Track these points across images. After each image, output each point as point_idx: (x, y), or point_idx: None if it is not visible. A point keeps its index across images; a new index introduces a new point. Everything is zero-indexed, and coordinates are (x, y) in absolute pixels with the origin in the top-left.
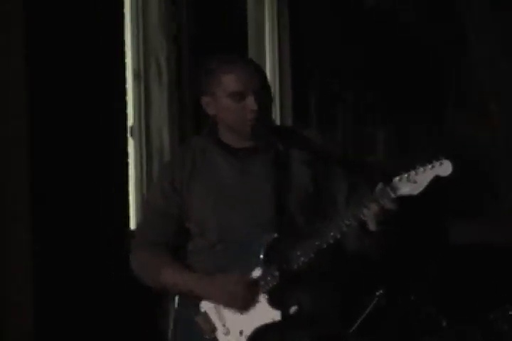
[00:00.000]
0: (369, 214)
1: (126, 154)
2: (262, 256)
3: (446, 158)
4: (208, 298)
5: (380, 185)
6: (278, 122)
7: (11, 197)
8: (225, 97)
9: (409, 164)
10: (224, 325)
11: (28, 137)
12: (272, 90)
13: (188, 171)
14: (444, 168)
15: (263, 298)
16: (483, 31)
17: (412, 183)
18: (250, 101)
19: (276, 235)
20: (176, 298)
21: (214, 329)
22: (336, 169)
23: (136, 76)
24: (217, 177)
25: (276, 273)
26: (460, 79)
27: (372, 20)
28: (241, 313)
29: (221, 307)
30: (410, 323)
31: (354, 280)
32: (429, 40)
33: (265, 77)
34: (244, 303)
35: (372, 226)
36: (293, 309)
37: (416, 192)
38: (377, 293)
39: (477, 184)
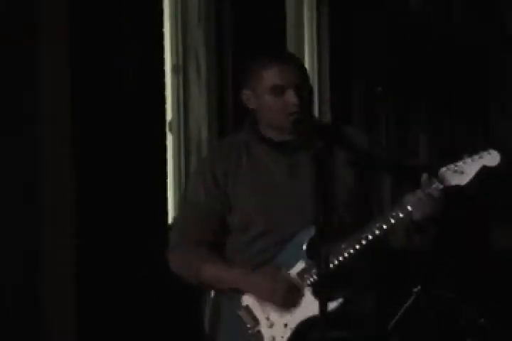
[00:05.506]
0: (415, 204)
1: (164, 149)
2: (304, 248)
3: (495, 149)
4: (250, 293)
5: (425, 176)
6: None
7: (53, 194)
8: (265, 92)
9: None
10: (268, 319)
11: (70, 134)
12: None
13: (233, 167)
14: (492, 158)
15: (307, 291)
16: None
17: (459, 174)
18: (290, 95)
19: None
20: (213, 292)
21: (257, 322)
22: (381, 170)
23: (175, 70)
24: (263, 172)
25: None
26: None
27: (418, 22)
28: (283, 309)
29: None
30: (450, 322)
31: (394, 278)
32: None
33: (306, 73)
34: (284, 300)
35: (417, 215)
36: (338, 301)
37: (463, 182)
38: (415, 290)
39: None
